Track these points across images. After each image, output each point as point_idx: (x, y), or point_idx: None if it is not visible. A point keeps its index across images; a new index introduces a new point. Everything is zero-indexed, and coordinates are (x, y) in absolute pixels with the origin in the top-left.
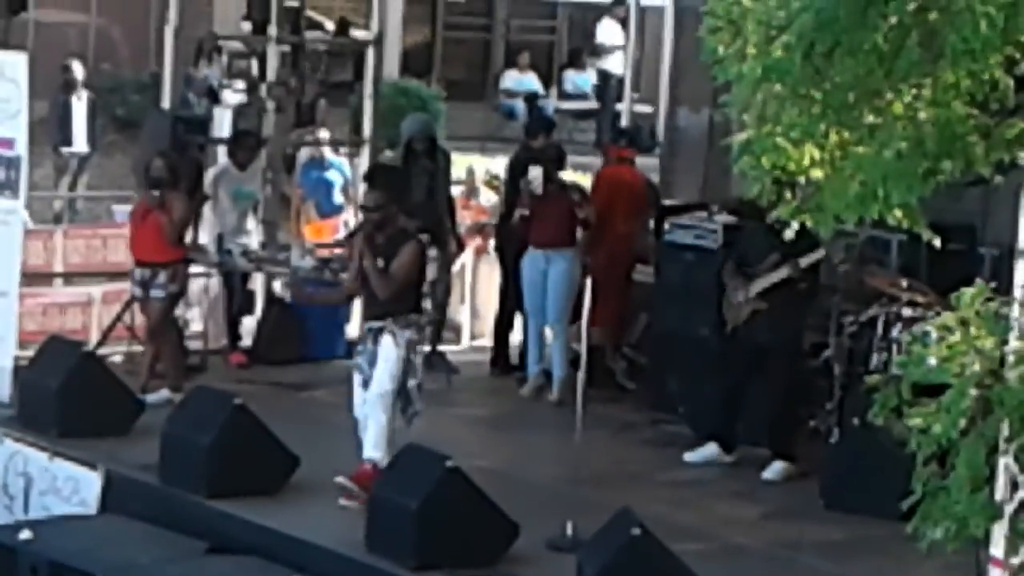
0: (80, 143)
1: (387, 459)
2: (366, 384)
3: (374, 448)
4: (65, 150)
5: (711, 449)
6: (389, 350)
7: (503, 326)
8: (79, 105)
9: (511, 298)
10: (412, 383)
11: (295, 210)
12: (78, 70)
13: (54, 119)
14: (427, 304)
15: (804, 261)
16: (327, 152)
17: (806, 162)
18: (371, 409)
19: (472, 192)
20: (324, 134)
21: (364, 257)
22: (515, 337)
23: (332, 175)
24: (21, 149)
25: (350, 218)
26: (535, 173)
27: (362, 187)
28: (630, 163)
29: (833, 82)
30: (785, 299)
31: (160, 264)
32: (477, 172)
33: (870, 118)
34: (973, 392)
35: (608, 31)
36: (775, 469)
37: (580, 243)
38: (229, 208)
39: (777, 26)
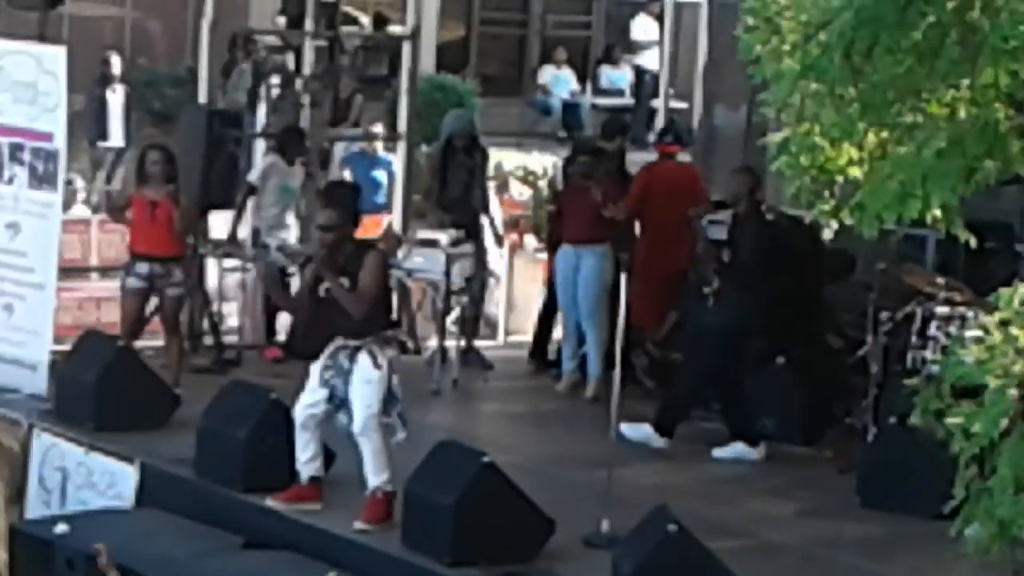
0: (116, 137)
1: (391, 480)
2: (332, 399)
3: (376, 474)
4: (101, 144)
5: (738, 447)
6: (369, 371)
7: (546, 320)
8: (115, 99)
9: (555, 293)
10: (395, 412)
11: None
12: (116, 64)
13: (90, 113)
14: (464, 299)
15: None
16: (380, 149)
17: (843, 161)
18: (362, 435)
19: (503, 187)
20: (378, 129)
21: (328, 281)
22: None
23: (379, 173)
24: (59, 143)
25: (394, 218)
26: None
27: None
28: (672, 158)
29: (872, 81)
30: (727, 285)
31: (173, 259)
32: (506, 166)
33: (909, 117)
34: (1014, 392)
35: (643, 27)
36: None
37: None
38: (272, 203)
39: (815, 24)
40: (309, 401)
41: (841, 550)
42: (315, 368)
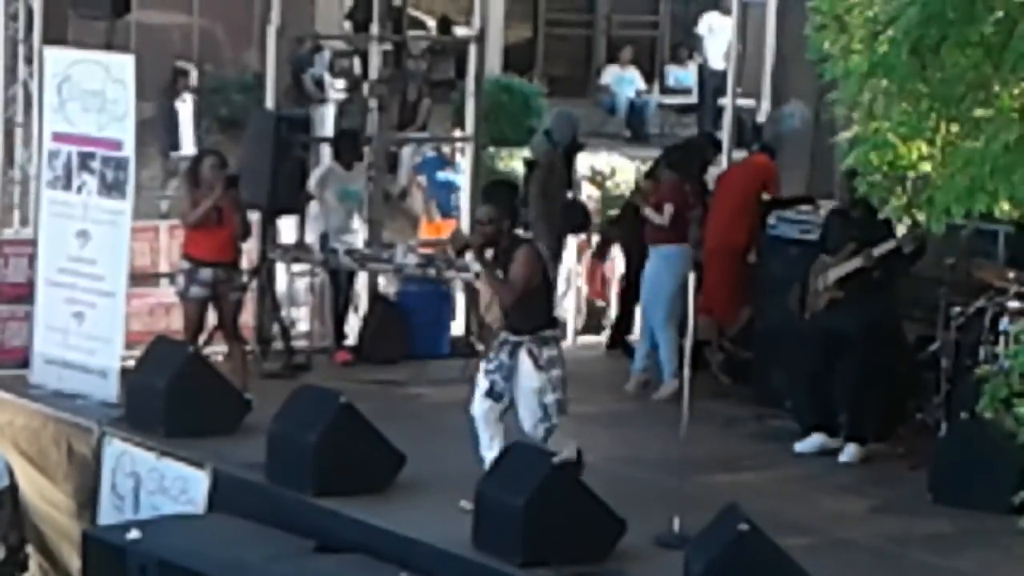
0: (188, 146)
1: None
2: (491, 393)
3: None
4: (174, 154)
5: (817, 439)
6: (532, 375)
7: (623, 315)
8: (185, 108)
9: (632, 290)
10: (550, 399)
11: (423, 208)
12: (193, 76)
13: (161, 124)
14: None
15: (876, 251)
16: (457, 153)
17: (915, 157)
18: (531, 430)
19: None
20: (459, 133)
21: (483, 270)
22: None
23: (457, 177)
24: (128, 150)
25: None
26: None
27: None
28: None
29: (940, 76)
30: (861, 287)
31: (233, 264)
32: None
33: (978, 111)
34: None
35: (708, 24)
36: (850, 452)
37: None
38: (335, 208)
39: (883, 21)
40: (477, 402)
41: (913, 546)
42: (482, 365)
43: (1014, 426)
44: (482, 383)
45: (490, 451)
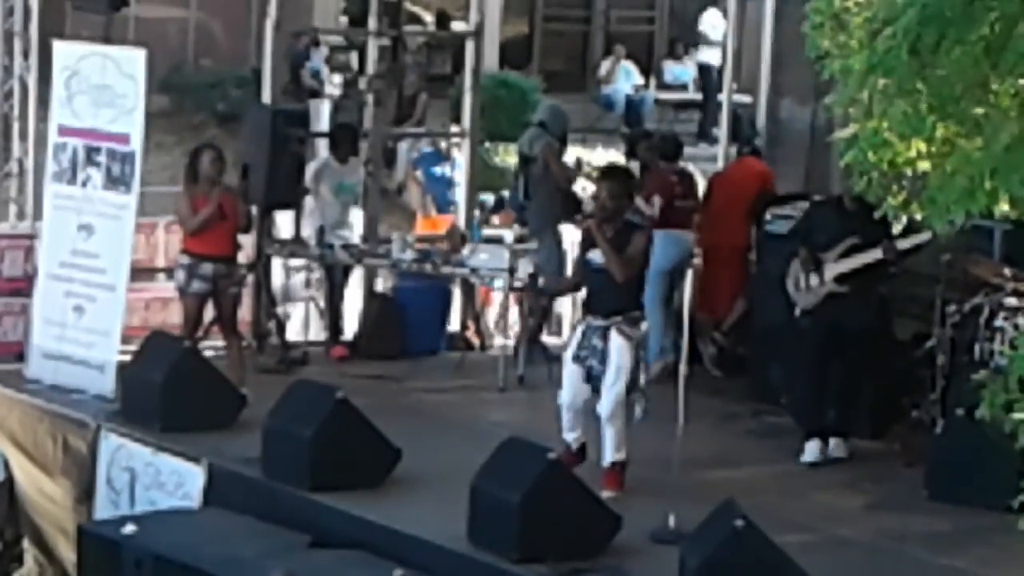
0: None
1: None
2: (590, 379)
3: (616, 450)
4: None
5: (817, 445)
6: (625, 355)
7: None
8: None
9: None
10: (643, 381)
11: (420, 203)
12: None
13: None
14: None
15: (903, 243)
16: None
17: (912, 155)
18: (610, 415)
19: None
20: (456, 128)
21: (600, 241)
22: None
23: (451, 172)
24: (136, 144)
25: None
26: None
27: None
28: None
29: (939, 76)
30: (874, 281)
31: (232, 259)
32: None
33: (977, 111)
34: None
35: (711, 21)
36: (838, 447)
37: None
38: (331, 202)
39: (882, 20)
40: (570, 391)
41: (909, 544)
42: (567, 355)
43: (1010, 426)
44: (575, 371)
45: (573, 433)
